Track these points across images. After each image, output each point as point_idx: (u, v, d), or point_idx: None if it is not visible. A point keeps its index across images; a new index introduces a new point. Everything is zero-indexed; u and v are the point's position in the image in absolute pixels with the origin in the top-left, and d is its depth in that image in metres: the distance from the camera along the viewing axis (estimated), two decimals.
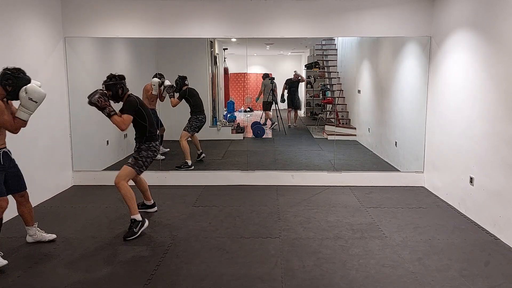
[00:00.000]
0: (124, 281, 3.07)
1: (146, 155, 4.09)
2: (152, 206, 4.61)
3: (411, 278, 3.09)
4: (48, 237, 3.76)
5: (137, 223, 3.90)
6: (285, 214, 4.51)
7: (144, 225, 3.96)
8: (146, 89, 6.68)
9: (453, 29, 4.73)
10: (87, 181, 5.69)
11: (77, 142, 5.62)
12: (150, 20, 5.46)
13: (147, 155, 4.10)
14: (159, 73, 6.45)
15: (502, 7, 3.79)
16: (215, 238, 3.86)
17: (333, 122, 8.19)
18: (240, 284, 3.02)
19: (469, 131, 4.38)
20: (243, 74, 9.50)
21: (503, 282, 3.04)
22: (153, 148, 4.14)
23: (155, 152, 4.16)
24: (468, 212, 4.42)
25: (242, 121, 8.79)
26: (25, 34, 4.61)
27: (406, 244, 3.70)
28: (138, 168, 4.06)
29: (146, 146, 4.10)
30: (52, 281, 3.08)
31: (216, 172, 5.80)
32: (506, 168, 3.74)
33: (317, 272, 3.19)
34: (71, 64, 5.54)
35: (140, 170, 4.09)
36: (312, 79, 9.44)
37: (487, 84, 4.04)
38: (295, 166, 6.26)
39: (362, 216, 4.44)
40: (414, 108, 5.73)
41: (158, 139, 4.20)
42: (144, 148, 4.10)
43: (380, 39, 6.78)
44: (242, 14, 5.46)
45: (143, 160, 4.08)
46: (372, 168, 6.27)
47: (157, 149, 4.17)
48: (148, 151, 4.10)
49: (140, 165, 4.07)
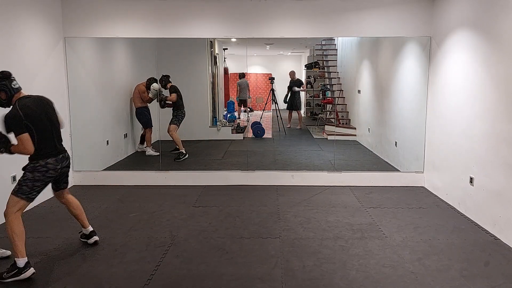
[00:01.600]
0: (124, 281, 3.07)
1: (31, 178, 3.17)
2: (91, 235, 3.71)
3: (411, 278, 3.09)
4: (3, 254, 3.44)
5: (15, 269, 3.05)
6: (285, 214, 4.51)
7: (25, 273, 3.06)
8: (140, 89, 6.74)
9: (453, 29, 4.73)
10: (87, 181, 5.69)
11: (77, 142, 5.62)
12: (150, 20, 5.46)
13: (33, 178, 3.17)
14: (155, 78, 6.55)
15: (502, 7, 3.79)
16: (215, 238, 3.86)
17: (333, 122, 8.19)
18: (240, 284, 3.02)
19: (469, 131, 4.38)
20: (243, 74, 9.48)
21: (503, 282, 3.04)
22: (41, 168, 3.18)
23: (45, 172, 3.21)
24: (468, 212, 4.42)
25: (243, 121, 8.79)
26: (25, 34, 4.61)
27: (406, 244, 3.70)
28: (25, 196, 3.15)
29: (31, 167, 3.19)
30: (52, 281, 3.08)
31: (216, 172, 5.80)
32: (506, 168, 3.74)
33: (317, 272, 3.19)
34: (71, 64, 5.54)
35: (29, 197, 3.18)
36: (312, 79, 9.44)
37: (487, 84, 4.04)
38: (295, 166, 6.26)
39: (362, 216, 4.44)
40: (414, 108, 5.73)
41: (51, 157, 3.25)
42: (29, 168, 3.19)
43: (380, 39, 6.78)
44: (242, 14, 5.46)
45: (28, 185, 3.16)
46: (372, 168, 6.27)
47: (48, 168, 3.22)
48: (34, 172, 3.18)
49: (25, 191, 3.15)
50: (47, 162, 3.22)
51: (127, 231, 4.02)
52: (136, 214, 4.52)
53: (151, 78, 6.61)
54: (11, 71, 3.26)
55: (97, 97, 6.16)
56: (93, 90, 6.07)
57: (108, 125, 6.39)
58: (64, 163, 3.38)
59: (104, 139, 6.26)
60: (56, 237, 3.87)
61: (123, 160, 6.60)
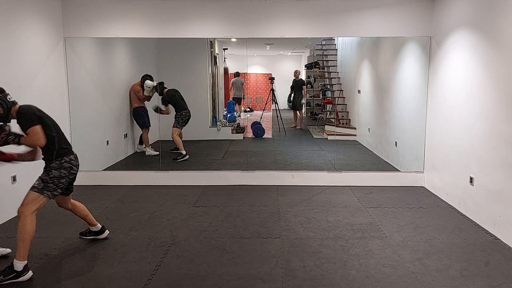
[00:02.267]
0: (124, 281, 3.07)
1: (58, 175, 3.24)
2: (101, 231, 3.81)
3: (411, 278, 3.09)
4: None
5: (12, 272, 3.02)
6: (285, 214, 4.51)
7: (23, 277, 3.05)
8: (134, 89, 6.76)
9: (453, 29, 4.73)
10: (87, 181, 5.68)
11: (77, 142, 5.62)
12: (150, 20, 5.46)
13: (59, 175, 3.24)
14: (148, 75, 6.55)
15: (502, 7, 3.79)
16: (215, 238, 3.86)
17: (333, 122, 8.19)
18: (240, 284, 3.02)
19: (469, 131, 4.38)
20: (243, 74, 9.49)
21: (503, 282, 3.04)
22: (66, 165, 3.27)
23: (70, 169, 3.30)
24: (468, 212, 4.43)
25: (243, 121, 8.79)
26: (25, 34, 4.61)
27: (406, 244, 3.71)
28: (50, 193, 3.20)
29: (58, 164, 3.24)
30: (52, 281, 3.08)
31: (216, 172, 5.80)
32: (506, 168, 3.74)
33: (317, 272, 3.19)
34: (71, 64, 5.54)
35: (54, 194, 3.24)
36: (312, 79, 9.45)
37: (487, 84, 4.04)
38: (295, 166, 6.26)
39: (362, 216, 4.45)
40: (414, 108, 5.73)
41: (72, 154, 3.37)
42: (54, 166, 3.24)
43: (380, 39, 6.78)
44: (242, 14, 5.46)
45: (54, 182, 3.22)
46: (372, 168, 6.28)
47: (72, 164, 3.32)
48: (60, 169, 3.25)
49: (50, 188, 3.20)
50: (70, 158, 3.32)
51: (128, 231, 4.03)
52: (137, 214, 4.52)
53: (144, 75, 6.61)
54: (11, 71, 3.28)
55: (97, 97, 6.16)
56: (93, 90, 6.07)
57: (108, 125, 6.39)
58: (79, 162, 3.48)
59: (104, 139, 6.26)
60: (56, 237, 3.87)
61: (123, 160, 6.60)
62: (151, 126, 6.88)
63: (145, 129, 6.85)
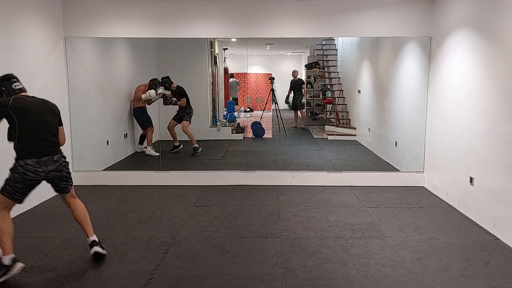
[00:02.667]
0: (124, 280, 3.07)
1: (12, 178, 3.01)
2: (91, 245, 3.37)
3: (411, 278, 3.09)
4: None
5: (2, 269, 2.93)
6: (285, 214, 4.51)
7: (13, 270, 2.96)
8: (139, 89, 6.77)
9: (453, 29, 4.73)
10: (87, 181, 5.69)
11: (77, 142, 5.63)
12: (150, 20, 5.46)
13: (13, 179, 3.01)
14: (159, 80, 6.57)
15: (502, 7, 3.79)
16: (215, 238, 3.86)
17: (333, 122, 8.19)
18: (240, 284, 3.02)
19: (469, 131, 4.38)
20: (243, 74, 9.50)
21: (503, 282, 3.04)
22: (20, 169, 3.00)
23: (24, 174, 3.00)
24: (468, 212, 4.43)
25: (243, 121, 8.80)
26: (25, 34, 4.61)
27: (406, 244, 3.71)
28: (9, 195, 3.01)
29: (13, 166, 3.04)
30: (52, 281, 3.08)
31: (216, 172, 5.80)
32: (506, 168, 3.74)
33: (317, 272, 3.19)
34: (71, 64, 5.54)
35: (14, 197, 3.03)
36: (312, 79, 9.45)
37: (487, 84, 4.04)
38: (295, 166, 6.26)
39: (362, 216, 4.45)
40: (414, 108, 5.73)
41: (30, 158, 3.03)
42: (11, 167, 3.04)
43: (380, 39, 6.78)
44: (242, 14, 5.46)
45: (10, 185, 3.01)
46: (372, 168, 6.28)
47: (27, 170, 3.00)
48: (14, 173, 3.01)
49: (8, 191, 3.01)
50: (26, 162, 3.01)
51: (128, 231, 4.03)
52: (137, 214, 4.52)
53: (153, 79, 6.62)
54: (12, 71, 3.27)
55: (97, 97, 6.16)
56: (94, 90, 6.08)
57: (108, 125, 6.39)
58: (51, 166, 3.11)
59: (104, 139, 6.26)
60: (56, 237, 3.87)
61: (123, 160, 6.60)
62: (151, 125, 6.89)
63: (150, 127, 6.84)
